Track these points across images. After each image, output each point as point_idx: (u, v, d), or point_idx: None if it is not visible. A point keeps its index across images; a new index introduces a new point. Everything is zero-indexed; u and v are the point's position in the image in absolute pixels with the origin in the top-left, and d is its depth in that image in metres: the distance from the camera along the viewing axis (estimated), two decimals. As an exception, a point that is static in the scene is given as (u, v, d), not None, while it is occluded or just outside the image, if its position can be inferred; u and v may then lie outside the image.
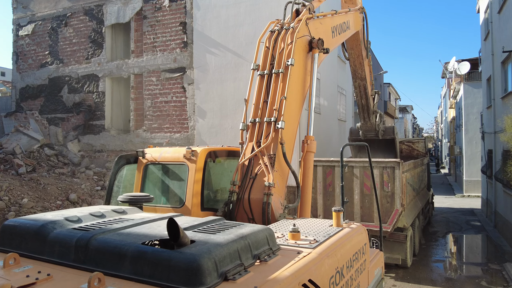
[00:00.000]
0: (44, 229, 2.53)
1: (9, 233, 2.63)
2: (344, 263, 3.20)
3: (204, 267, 2.00)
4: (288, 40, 5.19)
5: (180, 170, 5.01)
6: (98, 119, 15.03)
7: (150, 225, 2.71)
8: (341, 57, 18.19)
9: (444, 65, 32.20)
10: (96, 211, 3.00)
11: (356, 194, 8.92)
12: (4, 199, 9.33)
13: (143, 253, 2.15)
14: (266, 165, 4.59)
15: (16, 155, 12.90)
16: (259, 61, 5.41)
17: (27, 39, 16.65)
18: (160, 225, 2.69)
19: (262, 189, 4.48)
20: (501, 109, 13.41)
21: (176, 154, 5.01)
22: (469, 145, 23.95)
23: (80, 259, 2.32)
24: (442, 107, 52.28)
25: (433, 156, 60.27)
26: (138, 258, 2.14)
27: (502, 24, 13.41)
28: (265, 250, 2.57)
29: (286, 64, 5.02)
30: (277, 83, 5.00)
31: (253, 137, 4.86)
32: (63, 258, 2.37)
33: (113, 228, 2.57)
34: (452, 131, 34.32)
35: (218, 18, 12.96)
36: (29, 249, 2.49)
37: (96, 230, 2.50)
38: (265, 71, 5.16)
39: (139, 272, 2.11)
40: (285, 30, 5.34)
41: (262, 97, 5.04)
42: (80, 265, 2.30)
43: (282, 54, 5.11)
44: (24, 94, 16.70)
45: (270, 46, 5.26)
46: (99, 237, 2.38)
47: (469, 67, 23.66)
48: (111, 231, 2.51)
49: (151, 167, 5.26)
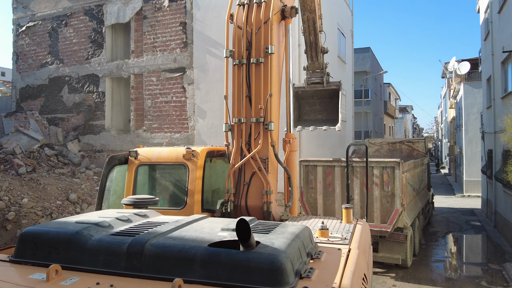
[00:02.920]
0: (80, 236, 2.31)
1: (32, 243, 2.37)
2: (369, 255, 3.39)
3: (284, 266, 2.01)
4: (262, 17, 4.57)
5: (179, 171, 4.82)
6: (98, 119, 15.03)
7: (192, 227, 2.60)
8: (341, 57, 18.19)
9: (444, 65, 32.20)
10: (121, 215, 2.83)
11: (356, 194, 8.92)
12: (4, 199, 9.33)
13: (215, 256, 2.08)
14: (260, 170, 4.46)
15: (16, 155, 12.90)
16: (232, 46, 4.71)
17: (27, 39, 16.65)
18: (202, 226, 2.60)
19: (259, 196, 4.41)
20: (501, 109, 13.41)
21: (174, 155, 4.77)
22: (469, 145, 23.95)
23: (134, 267, 2.16)
24: (442, 107, 52.27)
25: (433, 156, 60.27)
26: (210, 262, 2.06)
27: (502, 24, 13.41)
28: (312, 247, 2.64)
29: (266, 51, 4.51)
30: (258, 75, 4.53)
31: (240, 139, 4.56)
32: (112, 267, 2.18)
33: (161, 231, 2.40)
34: (452, 131, 34.32)
35: (218, 18, 12.95)
36: (62, 260, 2.26)
37: (146, 235, 2.31)
38: (243, 60, 4.58)
39: (213, 275, 2.03)
40: (256, 4, 4.64)
41: (243, 91, 4.59)
42: (135, 273, 2.13)
43: (259, 38, 4.52)
44: (24, 94, 16.70)
45: (242, 26, 4.62)
46: (154, 242, 2.23)
47: (469, 67, 23.66)
48: (160, 235, 2.34)
49: (144, 168, 4.94)
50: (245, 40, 4.60)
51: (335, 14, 17.41)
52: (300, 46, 12.12)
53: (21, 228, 8.61)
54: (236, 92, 4.66)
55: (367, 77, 27.79)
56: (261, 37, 4.52)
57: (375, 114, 32.08)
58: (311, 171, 9.42)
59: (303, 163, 9.55)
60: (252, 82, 4.56)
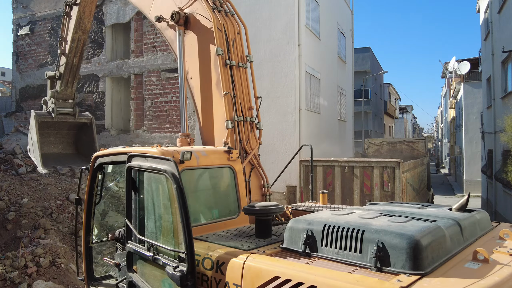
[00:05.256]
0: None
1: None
2: None
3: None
4: (234, 24, 5.01)
5: (225, 175, 4.14)
6: (98, 119, 15.03)
7: (423, 213, 3.23)
8: (341, 57, 18.20)
9: (444, 65, 32.20)
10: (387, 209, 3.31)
11: (356, 194, 8.92)
12: (4, 199, 9.33)
13: None
14: (259, 166, 4.77)
15: (16, 155, 12.90)
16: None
17: (27, 39, 16.65)
18: (427, 213, 3.26)
19: (259, 191, 4.65)
20: (501, 109, 13.41)
21: (217, 156, 4.05)
22: (469, 145, 23.96)
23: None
24: (442, 107, 52.29)
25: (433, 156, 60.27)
26: None
27: (502, 24, 13.41)
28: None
29: (248, 59, 5.01)
30: (242, 78, 4.91)
31: (236, 138, 4.63)
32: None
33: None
34: (452, 131, 34.33)
35: (218, 18, 12.95)
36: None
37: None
38: (231, 61, 4.84)
39: None
40: (223, 11, 5.00)
41: (232, 91, 4.78)
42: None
43: (235, 45, 4.93)
44: (24, 94, 16.70)
45: (221, 27, 4.80)
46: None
47: (469, 67, 23.66)
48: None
49: (189, 173, 3.82)
50: (225, 41, 4.89)
51: (335, 14, 17.41)
52: (300, 46, 12.12)
53: (21, 228, 8.60)
54: (227, 91, 4.82)
55: (367, 77, 27.79)
56: (237, 45, 4.95)
57: (375, 114, 32.08)
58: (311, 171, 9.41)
59: (303, 163, 9.56)
60: (237, 83, 4.81)
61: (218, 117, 4.77)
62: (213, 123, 4.87)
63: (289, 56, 12.18)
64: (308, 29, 13.20)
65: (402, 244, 2.42)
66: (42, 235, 8.46)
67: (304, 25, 12.63)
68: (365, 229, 2.64)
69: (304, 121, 12.62)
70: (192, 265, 2.79)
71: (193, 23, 5.06)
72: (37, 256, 7.71)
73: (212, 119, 4.88)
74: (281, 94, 12.19)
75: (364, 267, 2.54)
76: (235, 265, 2.86)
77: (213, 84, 4.85)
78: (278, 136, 12.13)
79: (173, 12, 4.98)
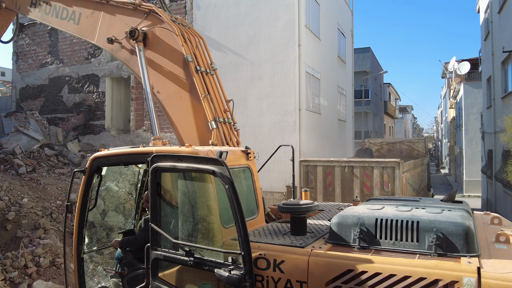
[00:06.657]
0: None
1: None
2: None
3: None
4: (193, 34, 5.33)
5: (244, 175, 4.12)
6: (98, 119, 15.03)
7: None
8: (341, 57, 18.20)
9: (444, 65, 32.20)
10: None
11: (356, 194, 8.92)
12: (4, 199, 9.33)
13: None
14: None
15: (16, 155, 12.90)
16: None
17: (27, 39, 16.65)
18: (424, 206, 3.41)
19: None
20: (501, 109, 13.42)
21: (238, 156, 4.03)
22: (469, 145, 23.96)
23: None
24: (442, 107, 52.28)
25: (433, 156, 60.28)
26: None
27: (502, 24, 13.42)
28: None
29: (212, 67, 5.29)
30: (212, 83, 5.15)
31: (222, 138, 4.79)
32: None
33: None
34: (452, 131, 34.33)
35: (218, 18, 12.96)
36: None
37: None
38: (200, 68, 5.09)
39: None
40: (181, 25, 5.28)
41: (209, 94, 5.01)
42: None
43: (199, 53, 5.17)
44: (24, 94, 16.70)
45: (185, 37, 5.09)
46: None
47: (469, 67, 23.67)
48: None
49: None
50: (191, 51, 5.14)
51: (335, 14, 17.41)
52: (300, 46, 12.12)
53: (21, 228, 8.60)
54: (205, 94, 5.07)
55: (367, 77, 27.78)
56: (200, 54, 5.30)
57: (375, 114, 32.08)
58: (311, 171, 9.42)
59: (303, 163, 9.56)
60: (210, 88, 5.08)
61: (199, 120, 4.84)
62: (193, 128, 4.91)
63: (289, 56, 12.18)
64: (308, 29, 13.21)
65: (459, 231, 2.71)
66: (42, 235, 8.46)
67: (304, 25, 12.63)
68: (419, 220, 2.85)
69: (304, 121, 12.61)
70: (250, 265, 2.77)
71: (152, 39, 5.16)
72: (37, 256, 7.71)
73: (190, 124, 4.95)
74: (281, 94, 12.19)
75: (423, 254, 2.74)
76: (298, 262, 2.90)
77: (187, 91, 4.94)
78: (278, 136, 12.12)
79: (132, 29, 5.07)
